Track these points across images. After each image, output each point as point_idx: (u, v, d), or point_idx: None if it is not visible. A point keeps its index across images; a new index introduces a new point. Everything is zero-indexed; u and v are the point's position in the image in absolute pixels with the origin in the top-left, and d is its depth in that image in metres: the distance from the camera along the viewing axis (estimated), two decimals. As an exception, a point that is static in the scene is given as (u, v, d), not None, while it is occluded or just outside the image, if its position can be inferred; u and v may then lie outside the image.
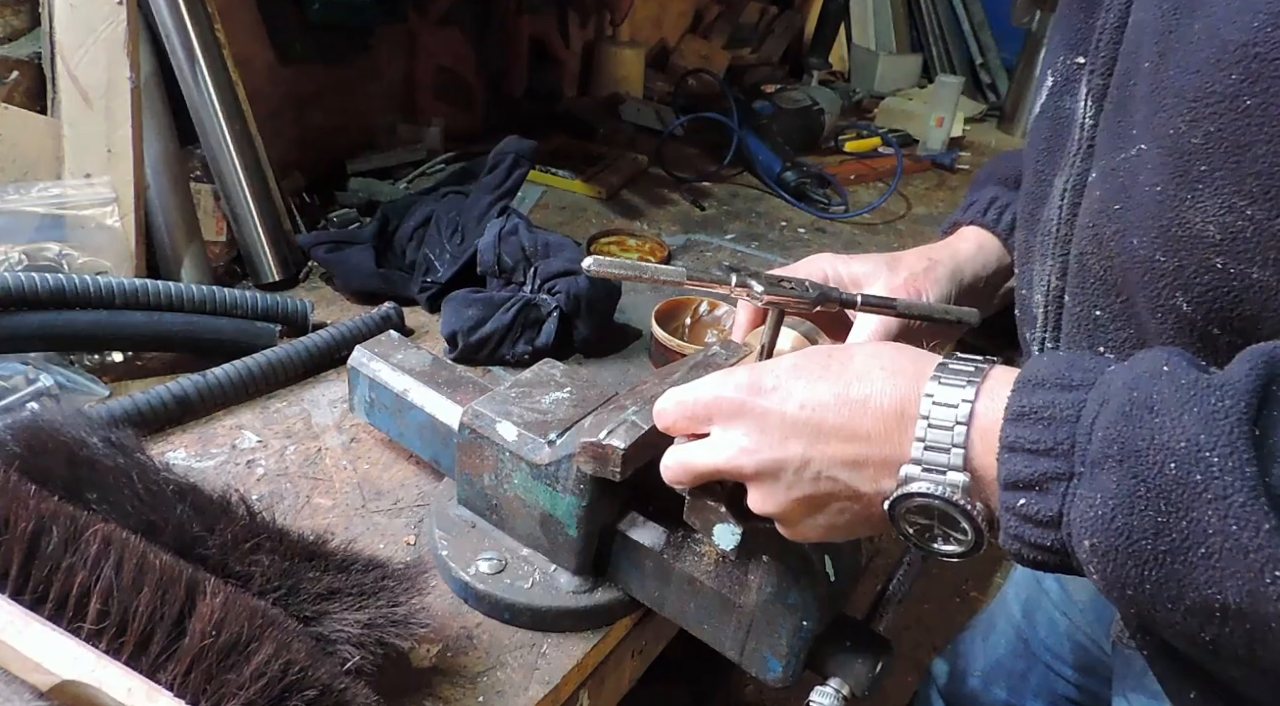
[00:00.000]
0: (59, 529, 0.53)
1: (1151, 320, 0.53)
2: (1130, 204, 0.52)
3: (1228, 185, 0.46)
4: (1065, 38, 0.63)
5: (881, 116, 2.29)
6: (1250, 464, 0.38)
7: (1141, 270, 0.52)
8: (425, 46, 1.63)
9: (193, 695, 0.50)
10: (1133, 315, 0.55)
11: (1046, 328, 0.63)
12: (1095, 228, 0.55)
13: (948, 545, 0.50)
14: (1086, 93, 0.57)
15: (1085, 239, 0.57)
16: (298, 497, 0.81)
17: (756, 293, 0.64)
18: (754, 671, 0.66)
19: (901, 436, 0.49)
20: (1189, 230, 0.48)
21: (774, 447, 0.52)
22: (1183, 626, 0.42)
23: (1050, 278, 0.62)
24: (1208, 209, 0.47)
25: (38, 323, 0.85)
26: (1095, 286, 0.57)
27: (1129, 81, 0.53)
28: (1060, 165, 0.62)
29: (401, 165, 1.52)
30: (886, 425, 0.50)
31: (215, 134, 1.12)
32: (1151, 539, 0.40)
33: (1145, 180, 0.50)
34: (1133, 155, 0.52)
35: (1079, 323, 0.60)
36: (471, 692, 0.65)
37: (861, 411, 0.50)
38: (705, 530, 0.58)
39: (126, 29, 0.97)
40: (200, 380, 0.88)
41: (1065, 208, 0.60)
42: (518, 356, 1.03)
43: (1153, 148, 0.50)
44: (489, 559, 0.72)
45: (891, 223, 1.66)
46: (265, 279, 1.15)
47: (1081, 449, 0.43)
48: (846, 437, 0.50)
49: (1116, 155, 0.53)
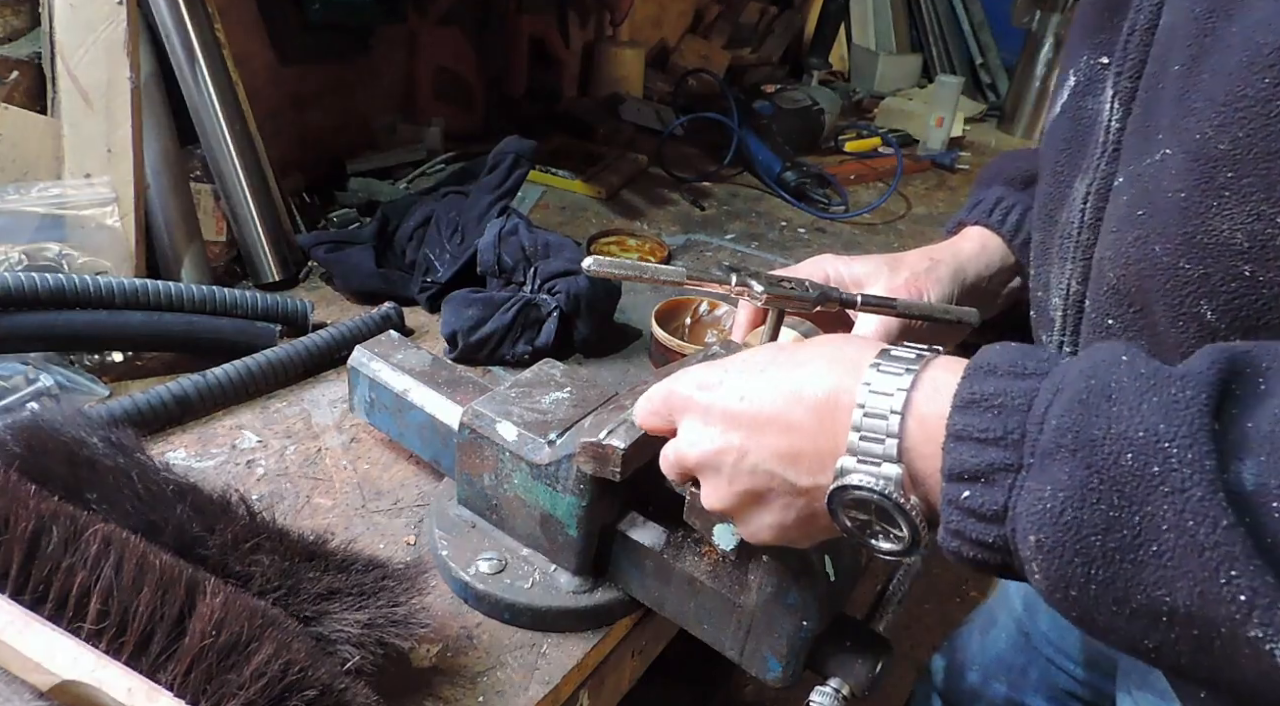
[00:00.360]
0: (59, 529, 0.53)
1: (1171, 329, 0.51)
2: (1154, 210, 0.50)
3: (1256, 192, 0.45)
4: (1088, 38, 0.61)
5: (881, 116, 2.29)
6: (1210, 456, 0.36)
7: (1164, 277, 0.50)
8: (425, 46, 1.63)
9: (193, 695, 0.50)
10: (1146, 325, 0.54)
11: (1065, 332, 0.62)
12: (1118, 234, 0.54)
13: (885, 542, 0.49)
14: (1113, 95, 0.56)
15: (1106, 245, 0.56)
16: (298, 497, 0.81)
17: (756, 293, 0.64)
18: (754, 671, 0.66)
19: (836, 427, 0.47)
20: (1216, 237, 0.47)
21: (713, 439, 0.52)
22: (1125, 631, 0.40)
23: (1070, 282, 0.61)
24: (1235, 216, 0.46)
25: (38, 323, 0.85)
26: (1108, 294, 0.56)
27: (1157, 84, 0.51)
28: (1081, 167, 0.60)
29: (401, 165, 1.52)
30: (820, 416, 0.48)
31: (215, 134, 1.12)
32: (1101, 534, 0.38)
33: (1169, 186, 0.49)
34: (1157, 160, 0.50)
35: (1094, 329, 0.58)
36: (471, 692, 0.65)
37: (796, 402, 0.49)
38: (705, 530, 0.58)
39: (126, 29, 0.97)
40: (200, 380, 0.88)
41: (1089, 212, 0.58)
42: (518, 356, 1.03)
43: (1178, 152, 0.48)
44: (489, 559, 0.72)
45: (891, 223, 1.66)
46: (265, 279, 1.15)
47: (1032, 438, 0.41)
48: (781, 429, 0.49)
49: (1143, 160, 0.52)
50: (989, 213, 0.83)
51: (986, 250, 0.82)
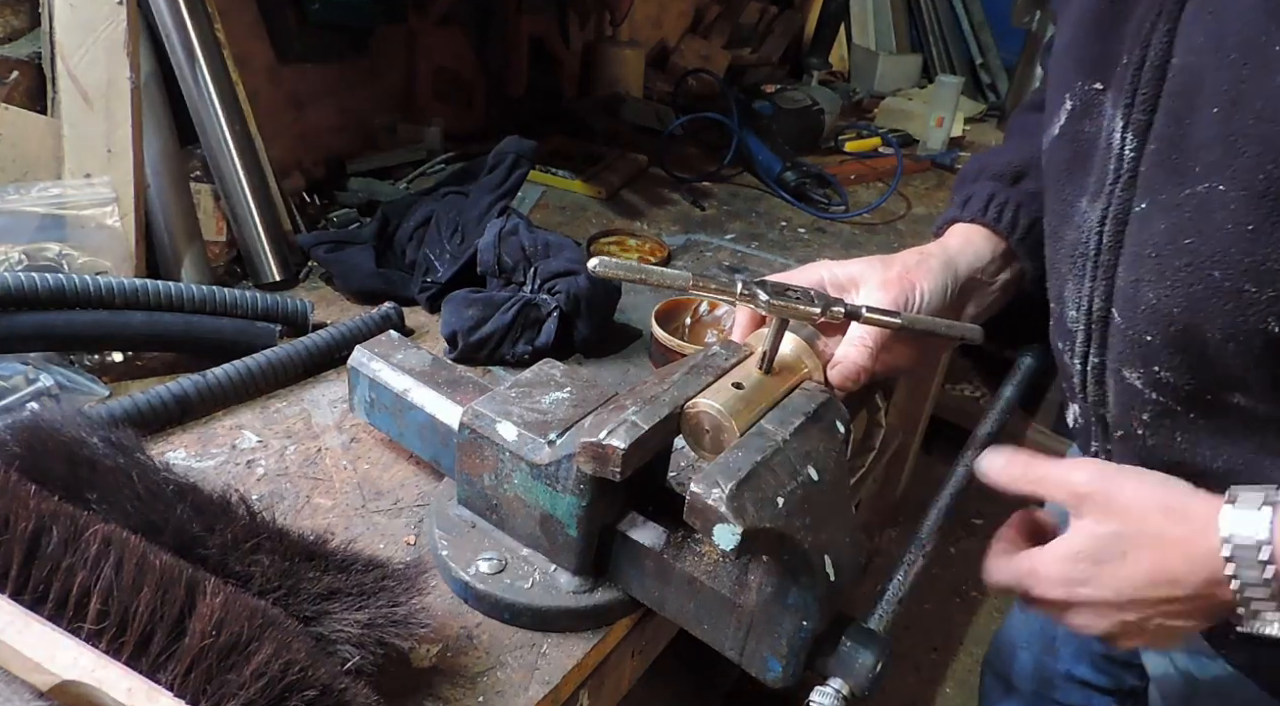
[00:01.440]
0: (59, 529, 0.53)
1: (1229, 344, 0.55)
2: (1207, 239, 0.54)
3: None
4: (1081, 62, 0.63)
5: (881, 116, 2.29)
6: None
7: (1224, 299, 0.54)
8: (425, 46, 1.63)
9: (193, 695, 0.50)
10: (1191, 342, 0.57)
11: (1090, 345, 0.66)
12: (1158, 259, 0.57)
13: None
14: (1124, 125, 0.58)
15: (1146, 268, 0.58)
16: (298, 497, 0.81)
17: (761, 302, 0.64)
18: (754, 671, 0.66)
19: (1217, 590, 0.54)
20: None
21: (1109, 623, 0.60)
22: None
23: (1092, 299, 0.64)
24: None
25: (38, 323, 0.85)
26: (1147, 314, 0.59)
27: (1183, 121, 0.54)
28: (1088, 189, 0.63)
29: (401, 165, 1.52)
30: (1199, 589, 0.55)
31: (215, 134, 1.12)
32: None
33: (1227, 218, 0.52)
34: (1201, 191, 0.53)
35: (1131, 344, 0.62)
36: (471, 692, 0.65)
37: (1174, 585, 0.55)
38: (705, 530, 0.58)
39: (126, 29, 0.97)
40: (200, 380, 0.88)
41: (1107, 235, 0.61)
42: (518, 356, 1.03)
43: (1233, 189, 0.51)
44: (489, 559, 0.72)
45: (891, 223, 1.66)
46: (265, 279, 1.15)
47: None
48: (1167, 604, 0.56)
49: (1178, 190, 0.55)
50: (984, 210, 0.83)
51: (973, 243, 0.82)
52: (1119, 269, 0.61)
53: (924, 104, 2.23)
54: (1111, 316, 0.63)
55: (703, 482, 0.57)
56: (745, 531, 0.56)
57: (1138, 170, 0.58)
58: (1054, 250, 0.69)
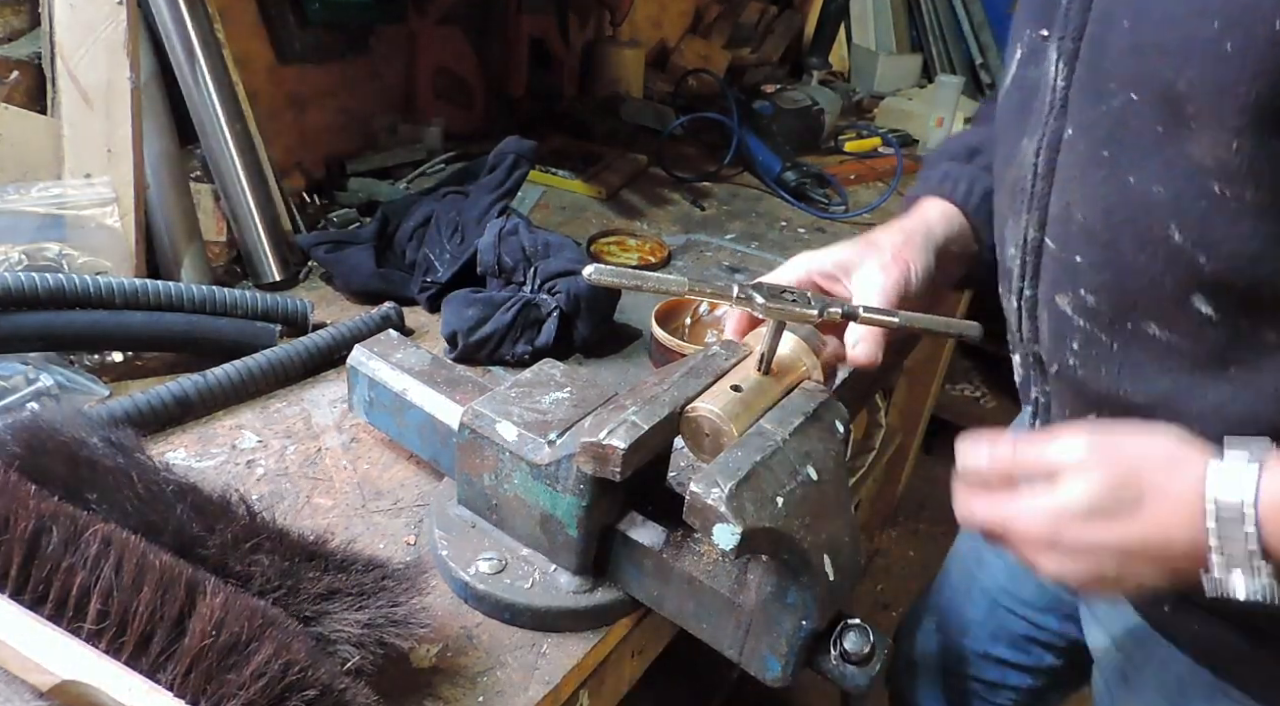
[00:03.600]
0: (59, 529, 0.53)
1: (1140, 256, 0.58)
2: (1124, 147, 0.57)
3: (1214, 121, 0.51)
4: (1031, 14, 0.67)
5: (881, 116, 2.29)
6: None
7: (1135, 206, 0.57)
8: (425, 46, 1.63)
9: (193, 695, 0.50)
10: (1112, 258, 0.61)
11: (1025, 278, 0.69)
12: (1082, 176, 0.61)
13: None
14: (1057, 58, 0.62)
15: (1073, 190, 0.62)
16: (298, 497, 0.81)
17: (758, 305, 0.64)
18: (753, 670, 0.66)
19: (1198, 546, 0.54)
20: (1189, 162, 0.54)
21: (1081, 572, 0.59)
22: None
23: (1028, 230, 0.67)
24: (1202, 142, 0.53)
25: (38, 323, 0.85)
26: (1077, 234, 0.62)
27: (1102, 41, 0.58)
28: (1028, 128, 0.66)
29: (401, 165, 1.52)
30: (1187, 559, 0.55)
31: (215, 134, 1.12)
32: None
33: (1141, 124, 0.56)
34: (1116, 107, 0.57)
35: (1062, 269, 0.65)
36: (471, 692, 0.65)
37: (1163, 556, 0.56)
38: (705, 530, 0.58)
39: (126, 29, 0.97)
40: (200, 380, 0.88)
41: (1041, 164, 0.65)
42: (518, 356, 1.03)
43: (1143, 96, 0.55)
44: (489, 559, 0.72)
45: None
46: (265, 279, 1.15)
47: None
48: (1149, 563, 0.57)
49: (1098, 107, 0.59)
50: (939, 184, 0.86)
51: (946, 216, 0.84)
52: (1052, 196, 0.65)
53: (924, 104, 2.23)
54: (1045, 245, 0.66)
55: (702, 482, 0.57)
56: (745, 531, 0.56)
57: (1068, 98, 0.61)
58: (999, 195, 0.72)
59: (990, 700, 1.16)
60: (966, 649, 1.14)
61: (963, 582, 1.14)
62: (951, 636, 1.16)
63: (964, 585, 1.14)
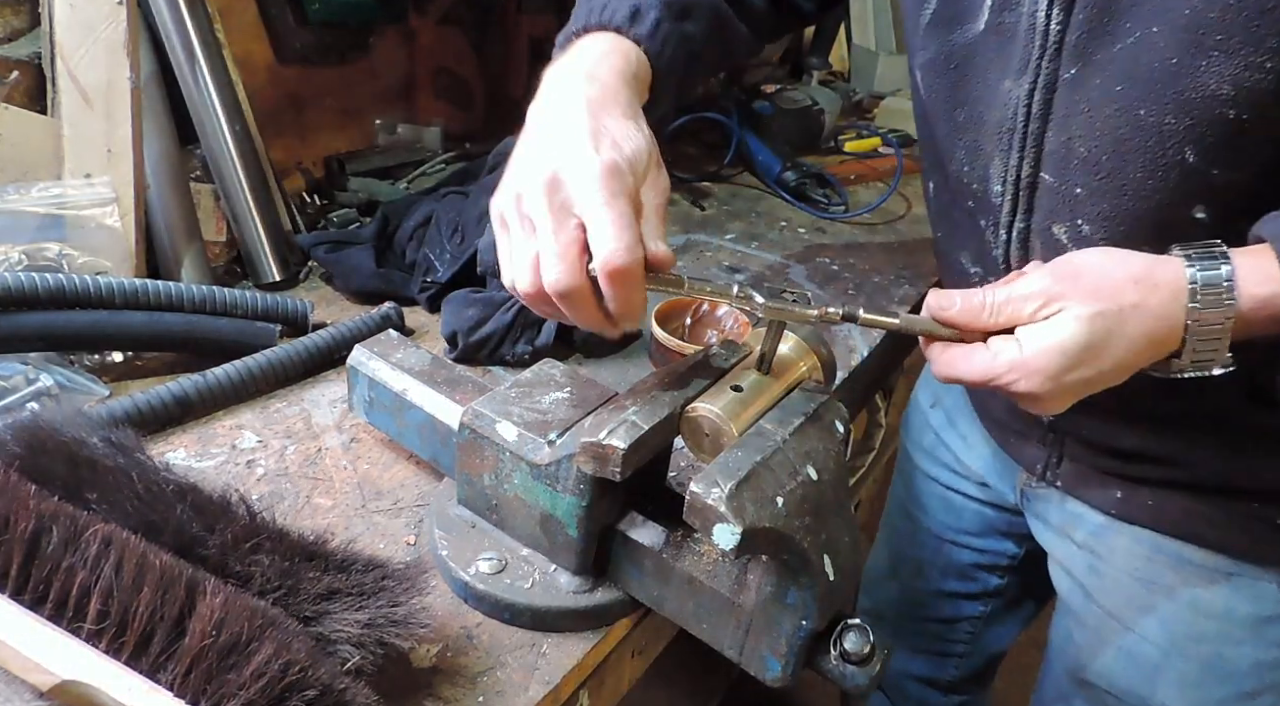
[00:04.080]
0: (59, 529, 0.53)
1: (1148, 181, 0.62)
2: (1136, 82, 0.60)
3: (1245, 47, 0.55)
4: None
5: (881, 116, 2.29)
6: None
7: (1147, 135, 0.61)
8: (425, 46, 1.63)
9: (193, 695, 0.50)
10: (1119, 186, 0.64)
11: (1015, 212, 0.72)
12: (1090, 114, 0.64)
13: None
14: (1049, 4, 0.64)
15: (1077, 126, 0.65)
16: (298, 497, 0.81)
17: (758, 305, 0.64)
18: (753, 670, 0.66)
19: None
20: (1205, 92, 0.58)
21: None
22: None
23: (1020, 167, 0.70)
24: (1223, 71, 0.56)
25: (38, 323, 0.85)
26: (1079, 167, 0.66)
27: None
28: (1010, 70, 0.68)
29: (401, 165, 1.52)
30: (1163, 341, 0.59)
31: (215, 134, 1.12)
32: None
33: (1155, 57, 0.59)
34: (1130, 44, 0.60)
35: (1060, 200, 0.68)
36: (471, 692, 0.65)
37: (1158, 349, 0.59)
38: (705, 530, 0.58)
39: (126, 29, 0.97)
40: (200, 380, 0.88)
41: (1036, 105, 0.67)
42: (518, 356, 1.03)
43: (1163, 28, 0.58)
44: (489, 559, 0.72)
45: (892, 223, 1.66)
46: (265, 279, 1.15)
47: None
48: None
49: (1110, 47, 0.62)
50: (651, 36, 0.71)
51: (641, 65, 0.71)
52: (1048, 134, 0.67)
53: (924, 104, 2.23)
54: (1041, 179, 0.69)
55: (702, 482, 0.57)
56: (745, 531, 0.56)
57: (1063, 41, 0.64)
58: (978, 134, 0.73)
59: (949, 637, 1.21)
60: (919, 591, 1.19)
61: (907, 527, 1.19)
62: (904, 581, 1.21)
63: (909, 530, 1.18)
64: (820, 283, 1.37)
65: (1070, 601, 0.94)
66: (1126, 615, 0.87)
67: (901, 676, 1.28)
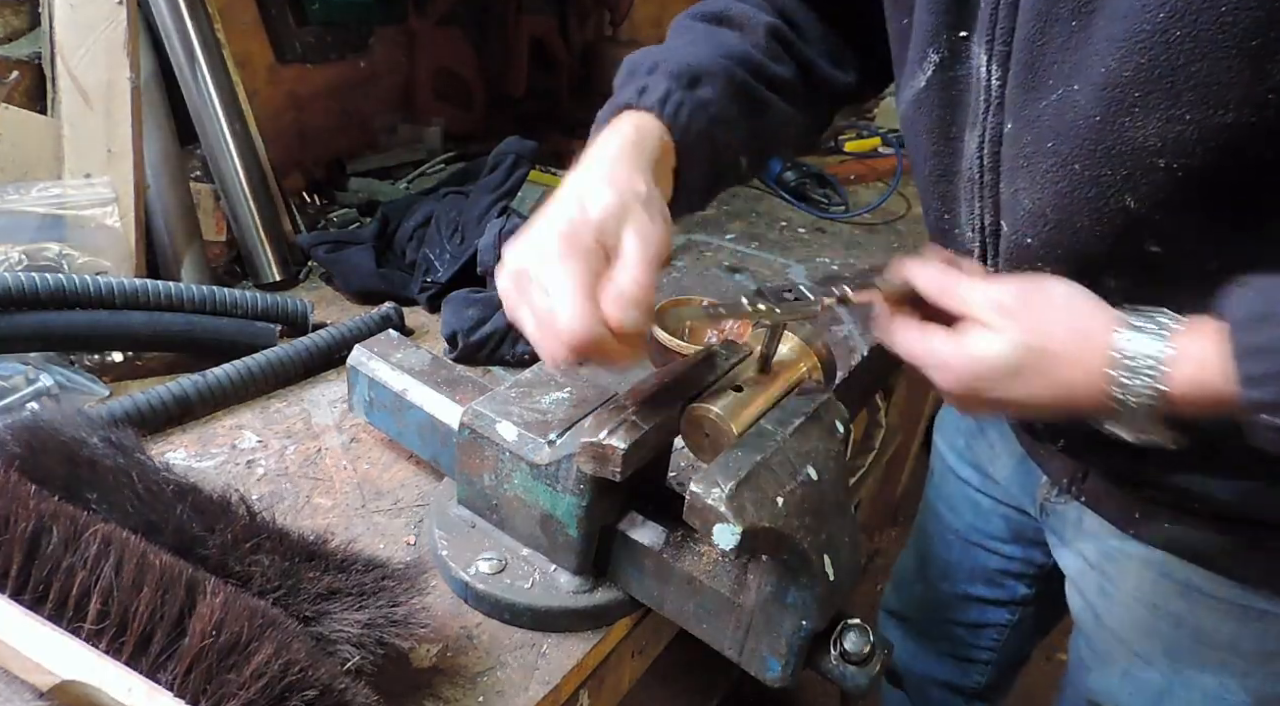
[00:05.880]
0: (59, 529, 0.53)
1: (1095, 227, 0.63)
2: (1065, 138, 0.61)
3: (1163, 103, 0.55)
4: (939, 16, 0.69)
5: (881, 116, 2.29)
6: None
7: (1087, 187, 0.62)
8: (425, 46, 1.63)
9: (193, 695, 0.50)
10: (1062, 236, 0.65)
11: (986, 258, 0.74)
12: (1028, 167, 0.65)
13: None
14: (988, 59, 0.65)
15: (1020, 178, 0.66)
16: (298, 497, 0.81)
17: (776, 315, 0.65)
18: (753, 670, 0.66)
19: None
20: (1133, 144, 0.58)
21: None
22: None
23: (983, 216, 0.71)
24: (1147, 125, 0.57)
25: (38, 323, 0.85)
26: (1025, 218, 0.67)
27: (1036, 43, 0.61)
28: (966, 124, 0.70)
29: (401, 165, 1.52)
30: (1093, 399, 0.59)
31: (215, 134, 1.12)
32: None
33: (1078, 115, 0.60)
34: (1054, 100, 0.61)
35: (1016, 249, 0.69)
36: (471, 692, 0.65)
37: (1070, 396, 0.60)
38: (705, 530, 0.58)
39: (126, 29, 0.97)
40: (200, 380, 0.88)
41: (986, 158, 0.69)
42: (518, 356, 1.03)
43: (1083, 86, 0.59)
44: (489, 559, 0.72)
45: (891, 223, 1.66)
46: (265, 279, 1.15)
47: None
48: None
49: (1037, 103, 0.62)
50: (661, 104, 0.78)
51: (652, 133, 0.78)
52: (1001, 185, 0.69)
53: (924, 104, 2.23)
54: (1001, 227, 0.70)
55: (702, 482, 0.57)
56: (745, 531, 0.56)
57: (1004, 95, 0.65)
58: (948, 185, 0.75)
59: (974, 643, 1.20)
60: (946, 593, 1.18)
61: (936, 529, 1.18)
62: (932, 582, 1.20)
63: (938, 531, 1.18)
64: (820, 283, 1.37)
65: (1082, 621, 0.93)
66: (1133, 639, 0.86)
67: (925, 681, 1.27)
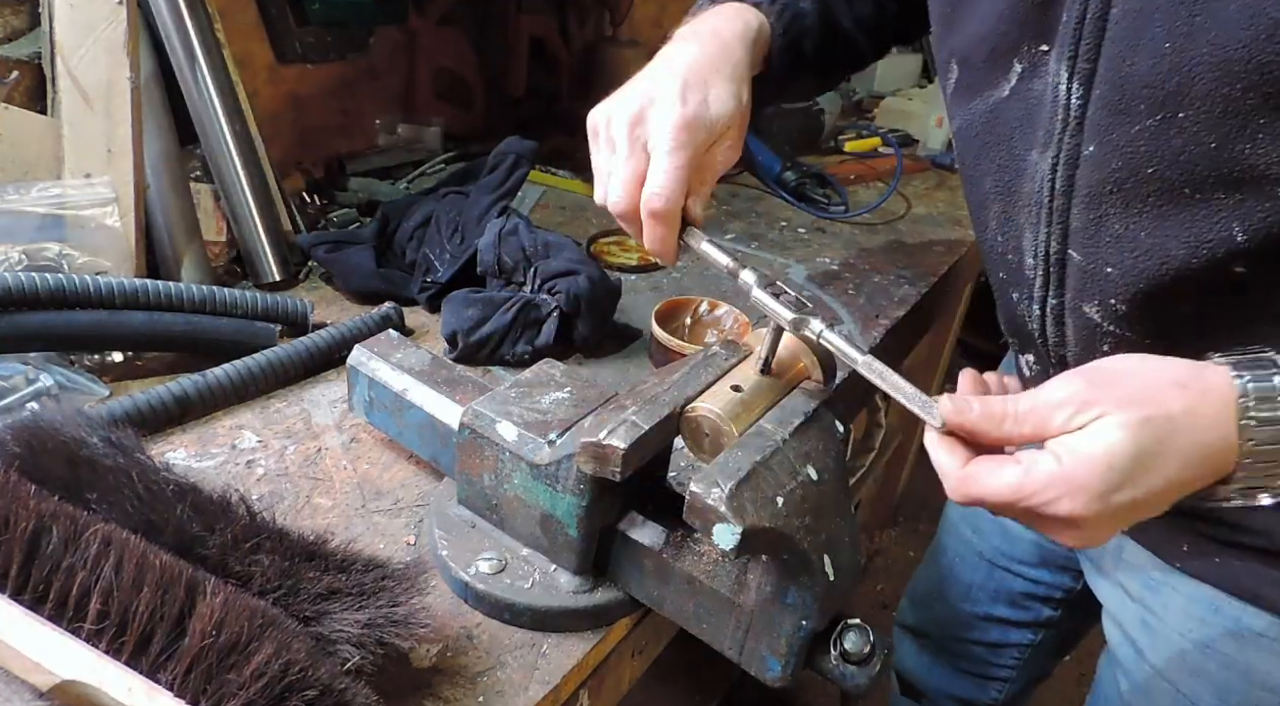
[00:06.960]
0: (59, 529, 0.53)
1: (1191, 256, 0.58)
2: (1170, 164, 0.57)
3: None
4: (1025, 28, 0.66)
5: (881, 116, 2.29)
6: None
7: (1195, 211, 0.58)
8: (425, 46, 1.63)
9: (193, 695, 0.50)
10: (1149, 265, 0.61)
11: (1048, 288, 0.69)
12: (1122, 193, 0.61)
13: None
14: (1069, 76, 0.61)
15: (1109, 204, 0.62)
16: (298, 497, 0.81)
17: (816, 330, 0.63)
18: (753, 670, 0.66)
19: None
20: (1252, 172, 0.55)
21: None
22: None
23: (1049, 242, 0.67)
24: (1270, 152, 0.54)
25: (38, 323, 0.85)
26: (1110, 244, 0.63)
27: (1126, 64, 0.58)
28: (1037, 142, 0.66)
29: (401, 165, 1.52)
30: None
31: (215, 134, 1.12)
32: None
33: (1188, 141, 0.56)
34: (1150, 126, 0.57)
35: (1089, 279, 0.65)
36: (471, 692, 0.65)
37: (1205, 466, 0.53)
38: (705, 530, 0.58)
39: (126, 29, 0.97)
40: (200, 380, 0.88)
41: (1060, 180, 0.64)
42: (518, 356, 1.03)
43: (1198, 112, 0.55)
44: (489, 559, 0.72)
45: (891, 223, 1.66)
46: (265, 279, 1.15)
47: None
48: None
49: (1128, 127, 0.59)
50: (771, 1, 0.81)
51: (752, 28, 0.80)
52: (1073, 210, 0.64)
53: (924, 104, 2.23)
54: (1069, 256, 0.66)
55: (702, 482, 0.57)
56: (744, 531, 0.56)
57: (1085, 116, 0.61)
58: (1009, 205, 0.71)
59: (994, 661, 1.18)
60: (966, 613, 1.16)
61: (959, 549, 1.16)
62: (952, 603, 1.18)
63: (961, 551, 1.16)
64: (820, 283, 1.37)
65: (1119, 653, 0.89)
66: (1178, 677, 0.82)
67: (941, 695, 1.25)
